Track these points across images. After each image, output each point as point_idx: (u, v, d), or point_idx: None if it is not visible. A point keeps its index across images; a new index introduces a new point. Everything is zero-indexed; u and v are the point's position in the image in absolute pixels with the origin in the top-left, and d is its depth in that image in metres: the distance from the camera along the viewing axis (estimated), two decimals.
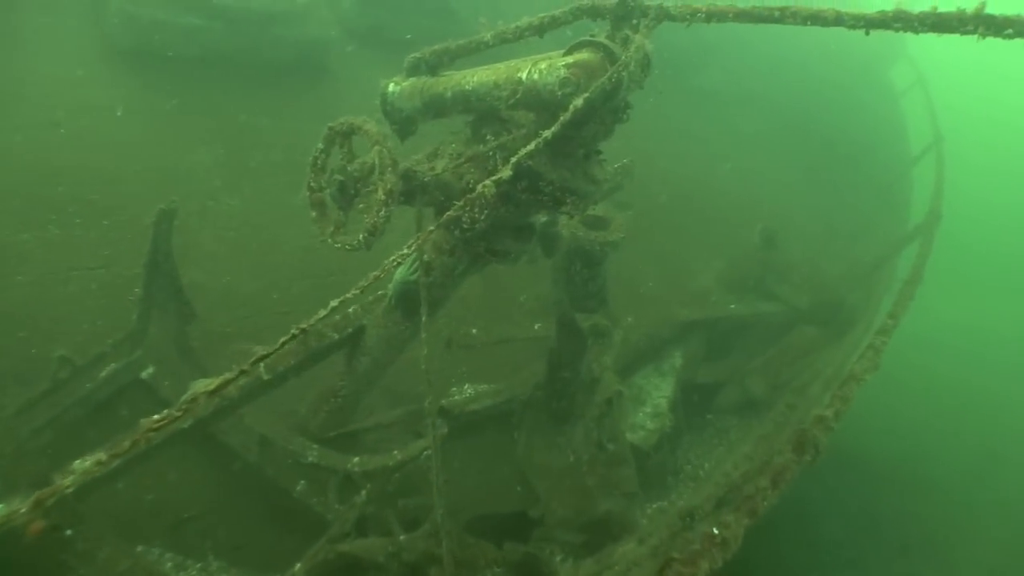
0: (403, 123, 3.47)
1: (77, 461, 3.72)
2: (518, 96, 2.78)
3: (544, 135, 2.35)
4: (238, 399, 4.01)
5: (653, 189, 8.35)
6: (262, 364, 1.85)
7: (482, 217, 2.84)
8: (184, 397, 1.70)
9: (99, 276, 4.80)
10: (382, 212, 2.63)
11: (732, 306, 6.88)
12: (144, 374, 4.46)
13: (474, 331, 5.10)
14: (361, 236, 2.74)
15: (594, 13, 3.04)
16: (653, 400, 5.83)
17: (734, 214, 9.28)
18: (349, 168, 2.81)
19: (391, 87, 3.45)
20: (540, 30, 3.13)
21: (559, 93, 2.65)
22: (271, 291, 5.25)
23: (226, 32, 6.19)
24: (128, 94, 5.86)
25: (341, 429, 4.81)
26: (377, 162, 2.64)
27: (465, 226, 3.00)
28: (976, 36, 2.23)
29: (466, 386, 5.41)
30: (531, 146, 2.27)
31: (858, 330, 6.75)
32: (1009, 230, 25.60)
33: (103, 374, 4.32)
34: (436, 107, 3.22)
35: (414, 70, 3.40)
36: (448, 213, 2.09)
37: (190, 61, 6.18)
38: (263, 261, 5.36)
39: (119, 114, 5.42)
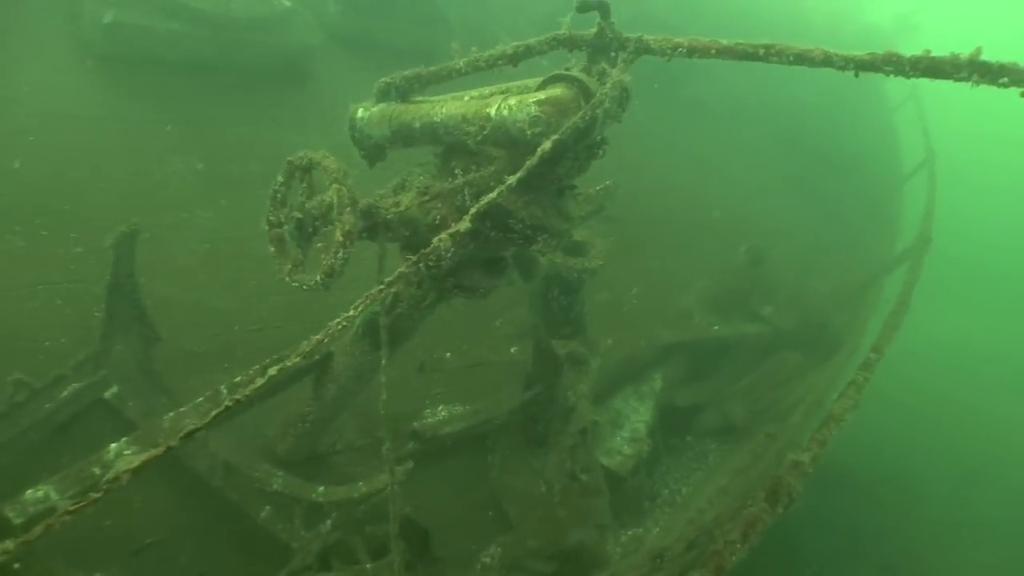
0: (372, 150, 3.36)
1: (29, 491, 3.64)
2: (486, 133, 2.67)
3: (508, 181, 2.25)
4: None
5: (640, 203, 8.25)
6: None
7: (448, 255, 2.72)
8: (107, 476, 1.59)
9: (64, 291, 4.66)
10: (340, 254, 2.51)
11: (715, 327, 6.80)
12: (107, 394, 4.34)
13: (448, 355, 4.99)
14: (318, 277, 2.62)
15: (571, 44, 2.93)
16: (631, 424, 5.75)
17: (722, 228, 9.20)
18: (307, 205, 2.70)
19: (360, 112, 3.33)
20: (514, 59, 3.01)
21: (528, 133, 2.54)
22: (243, 307, 5.13)
23: (206, 38, 6.03)
24: (103, 101, 5.70)
25: (309, 453, 4.71)
26: (335, 201, 2.52)
27: (430, 263, 2.89)
28: (970, 83, 2.13)
29: (440, 408, 5.31)
30: (493, 194, 2.17)
31: (843, 354, 6.67)
32: (1001, 247, 25.64)
33: (64, 394, 4.20)
34: (405, 136, 3.11)
35: (384, 95, 3.29)
36: (399, 270, 1.97)
37: (169, 68, 6.03)
38: (236, 276, 5.24)
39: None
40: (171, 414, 3.82)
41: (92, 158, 5.33)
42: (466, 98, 3.24)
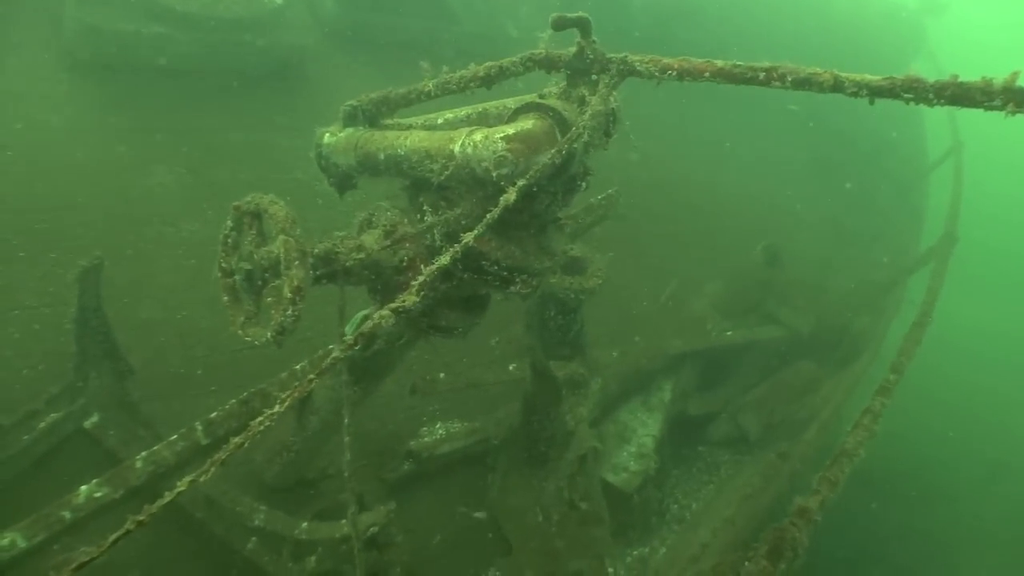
0: (339, 179, 3.14)
1: None
2: (449, 172, 2.42)
3: (465, 240, 2.00)
4: (176, 464, 3.71)
5: (651, 199, 7.95)
6: None
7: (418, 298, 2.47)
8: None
9: (43, 316, 4.49)
10: (289, 311, 2.29)
11: (729, 333, 6.50)
12: (88, 423, 4.19)
13: (441, 375, 4.77)
14: (269, 334, 2.40)
15: (548, 65, 2.65)
16: (639, 438, 5.51)
17: (739, 223, 8.85)
18: (256, 256, 2.48)
19: (326, 138, 3.10)
20: (487, 81, 2.74)
21: (495, 174, 2.28)
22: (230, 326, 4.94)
23: (192, 41, 5.79)
24: (86, 110, 5.49)
25: (298, 479, 4.55)
26: (282, 254, 2.29)
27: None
28: (1004, 113, 1.83)
29: (438, 425, 5.11)
30: (445, 259, 1.93)
31: (863, 361, 6.36)
32: None
33: (42, 425, 4.05)
34: (370, 167, 2.88)
35: (351, 119, 3.05)
36: (333, 355, 1.75)
37: (154, 74, 5.80)
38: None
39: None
40: (144, 453, 3.64)
41: (73, 171, 5.14)
42: (439, 120, 3.00)
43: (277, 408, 1.65)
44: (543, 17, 2.54)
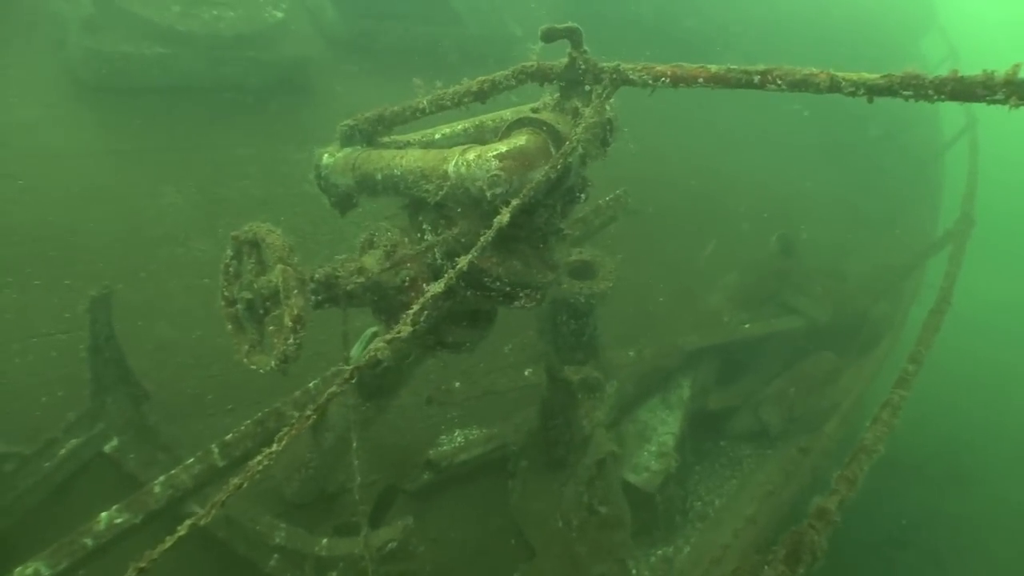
0: (340, 199, 3.14)
1: (18, 569, 3.53)
2: (444, 192, 2.41)
3: (460, 264, 1.99)
4: (194, 487, 3.74)
5: (663, 193, 7.90)
6: None
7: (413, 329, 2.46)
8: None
9: (59, 342, 4.54)
10: (291, 340, 2.29)
11: (746, 325, 6.44)
12: (108, 448, 4.24)
13: (457, 384, 4.77)
14: (273, 363, 2.41)
15: (540, 77, 2.63)
16: (659, 436, 5.47)
17: (753, 212, 8.76)
18: (256, 285, 2.48)
19: (325, 158, 3.10)
20: (481, 96, 2.73)
21: (488, 194, 2.27)
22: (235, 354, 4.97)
23: (195, 60, 5.83)
24: (93, 135, 5.55)
25: (318, 494, 4.57)
26: (280, 284, 2.29)
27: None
28: (1008, 107, 1.77)
29: (456, 433, 5.12)
30: (439, 285, 1.92)
31: (883, 348, 6.27)
32: None
33: (62, 452, 4.10)
34: (368, 187, 2.87)
35: (348, 139, 3.05)
36: (330, 391, 1.75)
37: (159, 94, 5.84)
38: None
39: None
40: (162, 477, 3.67)
41: (84, 197, 5.19)
42: (437, 136, 2.99)
43: (275, 447, 1.65)
44: (549, 14, 2.51)
